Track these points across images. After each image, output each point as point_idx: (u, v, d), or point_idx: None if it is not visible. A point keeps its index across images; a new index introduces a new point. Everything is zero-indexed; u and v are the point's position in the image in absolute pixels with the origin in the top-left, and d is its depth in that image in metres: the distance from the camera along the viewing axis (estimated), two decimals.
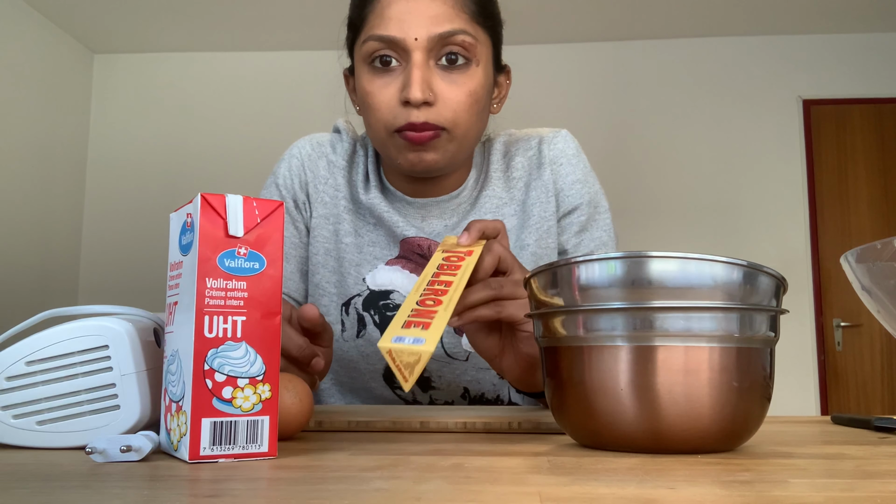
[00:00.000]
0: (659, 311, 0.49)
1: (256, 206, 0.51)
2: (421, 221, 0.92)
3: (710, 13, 3.73)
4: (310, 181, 0.95)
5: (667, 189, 3.88)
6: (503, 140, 0.97)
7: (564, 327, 0.53)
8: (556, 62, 3.95)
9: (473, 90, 0.83)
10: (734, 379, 0.49)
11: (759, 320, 0.51)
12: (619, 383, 0.49)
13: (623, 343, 0.50)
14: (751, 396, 0.51)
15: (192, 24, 3.87)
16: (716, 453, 0.51)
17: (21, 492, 0.38)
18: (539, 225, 0.92)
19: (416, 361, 0.50)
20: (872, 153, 3.88)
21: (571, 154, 0.94)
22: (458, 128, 0.83)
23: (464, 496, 0.37)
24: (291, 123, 4.02)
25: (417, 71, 0.80)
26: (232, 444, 0.49)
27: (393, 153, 0.85)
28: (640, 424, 0.49)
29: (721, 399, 0.49)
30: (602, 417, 0.51)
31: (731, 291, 0.50)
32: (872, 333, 3.73)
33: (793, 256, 3.81)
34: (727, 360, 0.49)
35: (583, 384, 0.51)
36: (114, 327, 0.55)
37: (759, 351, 0.51)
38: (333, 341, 0.92)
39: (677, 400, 0.48)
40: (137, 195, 4.07)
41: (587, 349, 0.51)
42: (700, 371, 0.49)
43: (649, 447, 0.50)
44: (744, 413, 0.51)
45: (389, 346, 0.51)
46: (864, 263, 0.57)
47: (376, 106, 0.83)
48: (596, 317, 0.51)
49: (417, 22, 0.80)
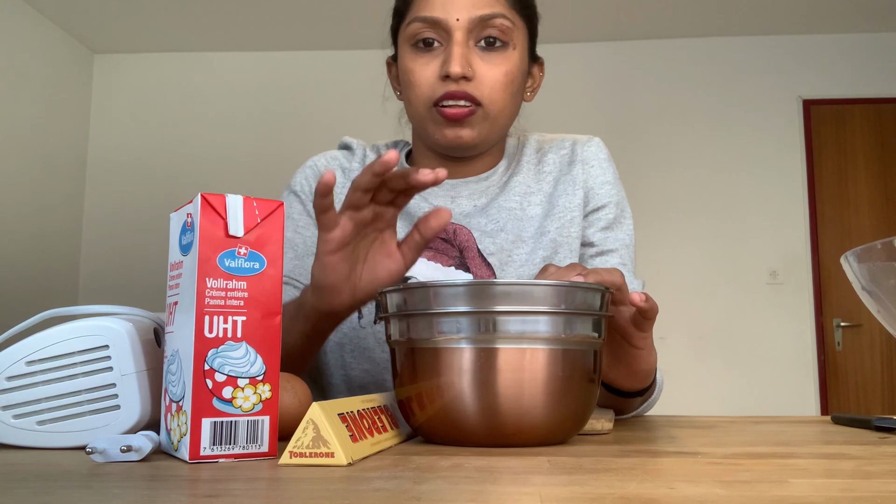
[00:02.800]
0: (499, 315, 0.54)
1: (256, 206, 0.51)
2: (450, 202, 0.95)
3: (711, 13, 3.73)
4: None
5: (666, 189, 3.88)
6: (537, 138, 1.01)
7: (417, 330, 0.56)
8: (556, 62, 3.93)
9: (509, 70, 0.87)
10: (561, 376, 0.55)
11: (582, 324, 0.56)
12: (463, 381, 0.54)
13: (467, 345, 0.54)
14: (577, 392, 0.56)
15: (192, 24, 3.86)
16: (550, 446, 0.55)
17: (21, 492, 0.38)
18: (563, 214, 0.94)
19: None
20: (872, 153, 3.87)
21: (603, 158, 0.98)
22: (494, 104, 0.87)
23: (464, 496, 0.37)
24: (291, 123, 4.03)
25: (458, 48, 0.85)
26: (232, 444, 0.49)
27: (431, 128, 0.88)
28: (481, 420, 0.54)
29: (549, 395, 0.54)
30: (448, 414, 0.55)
31: (556, 303, 0.55)
32: (872, 333, 3.73)
33: (793, 256, 3.81)
34: (555, 359, 0.55)
35: (432, 383, 0.55)
36: (114, 327, 0.55)
37: (584, 352, 0.56)
38: (350, 329, 0.92)
39: (513, 396, 0.54)
40: (137, 195, 4.07)
41: (438, 350, 0.55)
42: (533, 370, 0.54)
43: (490, 441, 0.55)
44: (570, 408, 0.56)
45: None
46: (865, 263, 0.57)
47: (417, 82, 0.87)
48: (444, 320, 0.55)
49: (460, 5, 0.86)
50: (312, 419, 0.47)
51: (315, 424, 0.47)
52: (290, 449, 0.47)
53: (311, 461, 0.46)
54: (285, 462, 0.47)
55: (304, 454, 0.46)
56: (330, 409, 0.48)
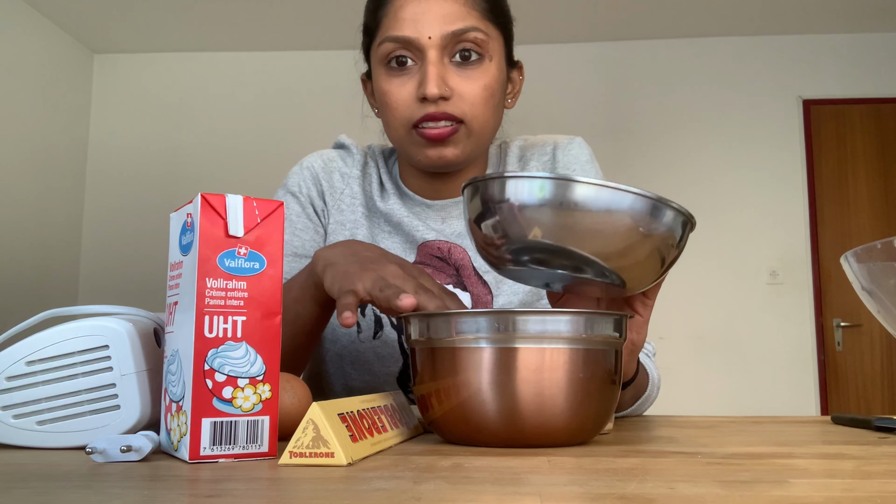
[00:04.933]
0: (518, 315, 0.53)
1: (256, 206, 0.51)
2: (441, 223, 0.94)
3: (711, 13, 3.73)
4: (326, 190, 0.97)
5: (666, 189, 3.88)
6: (519, 144, 0.99)
7: (436, 330, 0.56)
8: (556, 62, 3.95)
9: (488, 84, 0.85)
10: (582, 377, 0.54)
11: (604, 323, 0.55)
12: (482, 382, 0.53)
13: (486, 345, 0.53)
14: (598, 394, 0.55)
15: (192, 24, 3.86)
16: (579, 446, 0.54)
17: (21, 492, 0.38)
18: None
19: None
20: (872, 153, 3.87)
21: (585, 160, 0.97)
22: (475, 121, 0.85)
23: (464, 496, 0.37)
24: (291, 123, 4.02)
25: (433, 68, 0.83)
26: (232, 444, 0.49)
27: (412, 150, 0.87)
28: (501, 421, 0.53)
29: (570, 396, 0.53)
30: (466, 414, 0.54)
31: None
32: (872, 333, 3.73)
33: (793, 256, 3.81)
34: (576, 360, 0.53)
35: (450, 383, 0.55)
36: (114, 327, 0.55)
37: (606, 352, 0.55)
38: (349, 343, 0.92)
39: (533, 397, 0.53)
40: (137, 195, 4.07)
41: (456, 350, 0.54)
42: (553, 371, 0.53)
43: (510, 443, 0.54)
44: (591, 409, 0.55)
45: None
46: (864, 263, 0.57)
47: (394, 104, 0.85)
48: (463, 319, 0.54)
49: (430, 21, 0.83)
50: (312, 419, 0.47)
51: (315, 424, 0.47)
52: (290, 449, 0.47)
53: (311, 461, 0.46)
54: (285, 462, 0.47)
55: (304, 454, 0.46)
56: (330, 409, 0.49)
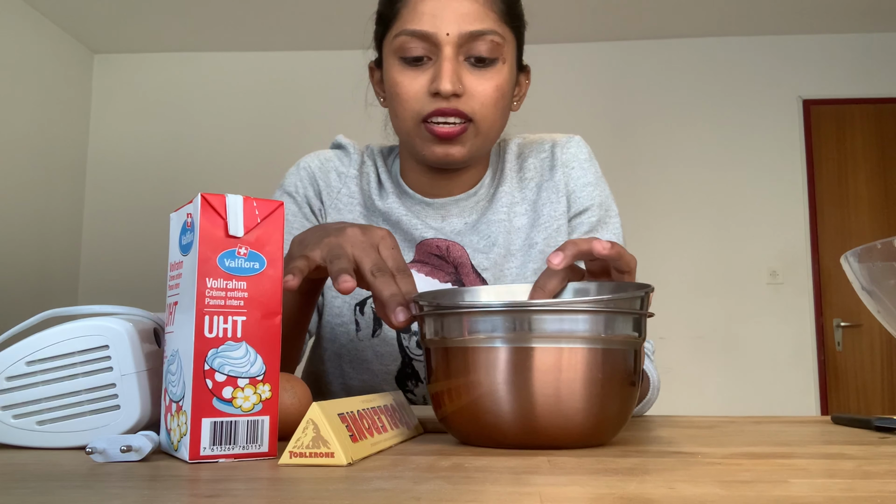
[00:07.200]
0: (535, 314, 0.52)
1: (256, 206, 0.51)
2: (441, 221, 0.94)
3: (711, 13, 3.73)
4: (323, 190, 0.97)
5: (667, 189, 3.88)
6: (517, 142, 1.00)
7: (450, 329, 0.55)
8: (556, 62, 3.94)
9: (500, 85, 0.86)
10: (601, 378, 0.53)
11: (623, 322, 0.54)
12: (498, 383, 0.52)
13: (501, 344, 0.52)
14: (616, 395, 0.54)
15: (192, 24, 3.86)
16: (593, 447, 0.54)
17: (21, 492, 0.38)
18: (548, 224, 0.94)
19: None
20: (872, 153, 3.87)
21: (584, 159, 0.97)
22: (485, 120, 0.86)
23: (464, 496, 0.37)
24: (291, 123, 4.02)
25: (448, 64, 0.83)
26: (232, 444, 0.49)
27: (419, 144, 0.87)
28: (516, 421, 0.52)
29: (588, 397, 0.52)
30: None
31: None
32: (872, 333, 3.73)
33: (793, 256, 3.81)
34: (594, 360, 0.52)
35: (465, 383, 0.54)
36: (114, 327, 0.55)
37: (624, 352, 0.54)
38: (348, 341, 0.92)
39: (551, 398, 0.52)
40: (137, 195, 4.07)
41: (470, 350, 0.54)
42: (571, 371, 0.52)
43: (527, 444, 0.53)
44: (610, 411, 0.54)
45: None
46: (865, 263, 0.57)
47: (405, 96, 0.85)
48: (478, 319, 0.53)
49: (449, 18, 0.83)
50: (312, 419, 0.47)
51: (315, 424, 0.47)
52: (290, 449, 0.47)
53: (311, 461, 0.46)
54: (285, 462, 0.47)
55: (304, 454, 0.46)
56: (330, 409, 0.49)
